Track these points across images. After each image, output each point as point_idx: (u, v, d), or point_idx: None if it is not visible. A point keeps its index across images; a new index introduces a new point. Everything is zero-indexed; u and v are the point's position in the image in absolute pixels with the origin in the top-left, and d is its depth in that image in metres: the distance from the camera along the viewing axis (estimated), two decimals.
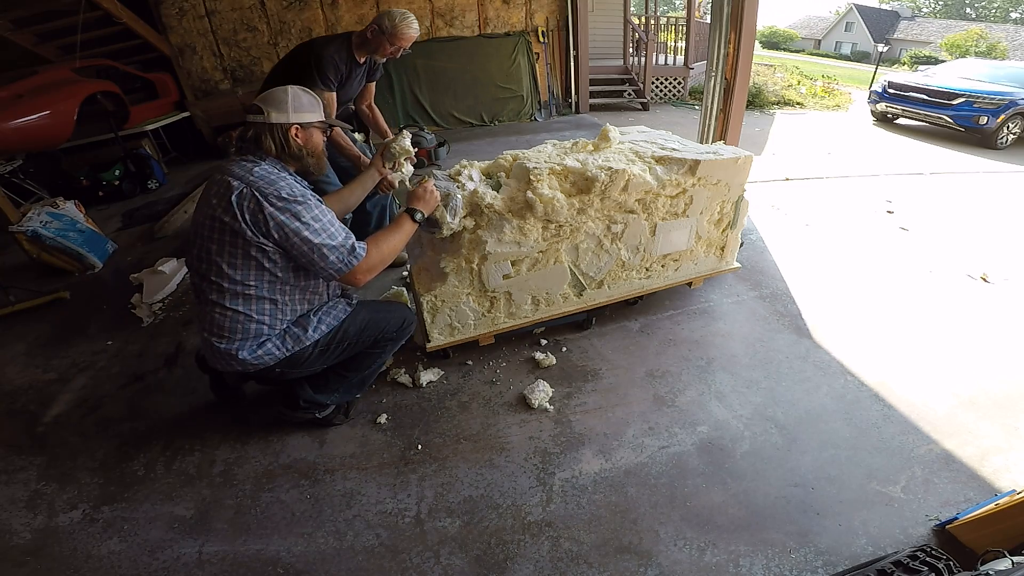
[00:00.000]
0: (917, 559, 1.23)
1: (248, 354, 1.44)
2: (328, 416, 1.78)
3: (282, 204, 1.30)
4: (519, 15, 6.42)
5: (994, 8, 36.78)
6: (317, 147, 1.48)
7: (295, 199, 1.32)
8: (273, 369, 1.51)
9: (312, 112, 1.44)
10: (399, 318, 1.69)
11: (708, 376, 2.02)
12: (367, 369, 1.72)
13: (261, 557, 1.40)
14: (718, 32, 3.25)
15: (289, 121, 1.39)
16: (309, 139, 1.45)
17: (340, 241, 1.36)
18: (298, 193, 1.34)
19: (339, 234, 1.37)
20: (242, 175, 1.33)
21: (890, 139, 6.91)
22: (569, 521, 1.47)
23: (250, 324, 1.42)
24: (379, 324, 1.64)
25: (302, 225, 1.32)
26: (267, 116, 1.38)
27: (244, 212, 1.30)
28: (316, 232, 1.33)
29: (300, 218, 1.32)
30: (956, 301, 2.53)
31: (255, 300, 1.41)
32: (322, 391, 1.70)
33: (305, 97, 1.44)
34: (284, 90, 1.41)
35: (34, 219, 2.85)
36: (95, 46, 4.55)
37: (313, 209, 1.35)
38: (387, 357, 1.77)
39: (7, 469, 1.71)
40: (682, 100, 8.28)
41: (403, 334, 1.72)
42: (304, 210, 1.33)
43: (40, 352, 2.31)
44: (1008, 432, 1.75)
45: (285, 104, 1.39)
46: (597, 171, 1.86)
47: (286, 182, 1.35)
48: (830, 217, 3.54)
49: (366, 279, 1.44)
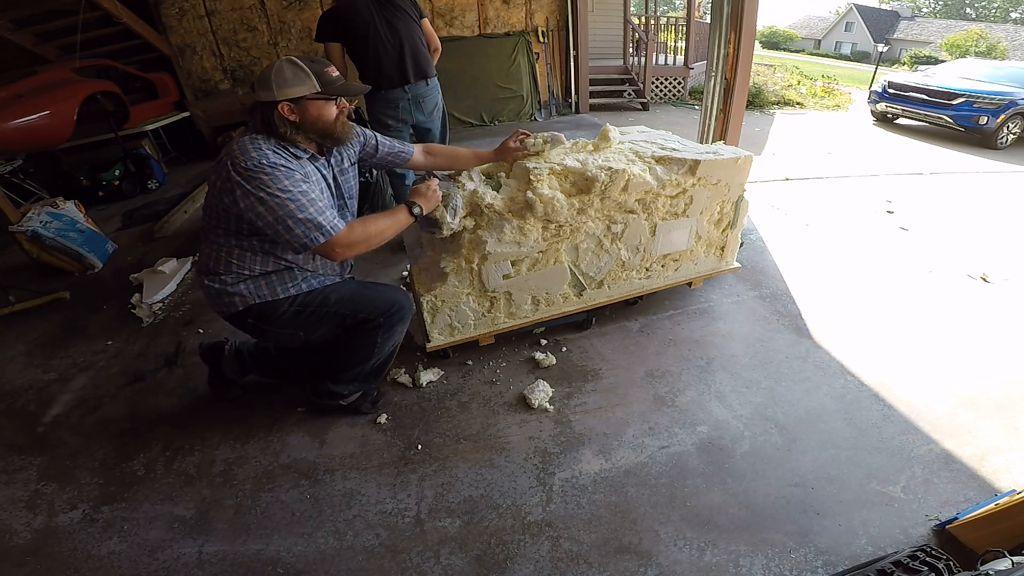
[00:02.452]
0: (917, 559, 1.23)
1: (220, 287, 1.47)
2: (355, 403, 1.83)
3: (247, 173, 1.30)
4: (519, 15, 6.42)
5: (994, 8, 36.77)
6: (320, 120, 1.42)
7: (261, 168, 1.30)
8: (246, 319, 1.53)
9: (300, 85, 1.36)
10: (387, 300, 1.65)
11: (708, 376, 2.02)
12: (370, 359, 1.70)
13: (261, 557, 1.40)
14: (718, 32, 3.24)
15: (275, 99, 1.35)
16: (305, 113, 1.39)
17: (309, 214, 1.33)
18: (267, 163, 1.32)
19: (310, 206, 1.34)
20: (231, 146, 1.36)
21: (890, 139, 6.91)
22: (569, 521, 1.47)
23: (222, 260, 1.46)
24: (363, 301, 1.61)
25: (267, 195, 1.30)
26: (257, 95, 1.39)
27: (217, 179, 1.34)
28: (281, 204, 1.30)
29: (265, 188, 1.30)
30: (956, 301, 2.53)
31: (224, 243, 1.45)
32: (338, 382, 1.76)
33: (287, 71, 1.36)
34: (270, 67, 1.38)
35: (34, 219, 2.85)
36: (95, 46, 4.55)
37: (282, 180, 1.32)
38: (387, 346, 1.71)
39: (7, 469, 1.71)
40: (682, 100, 8.28)
41: (392, 320, 1.65)
42: (270, 180, 1.30)
43: (40, 352, 2.31)
44: (1008, 432, 1.75)
45: (269, 81, 1.36)
46: (597, 171, 1.86)
47: (259, 152, 1.33)
48: (830, 217, 3.54)
49: (345, 254, 1.41)
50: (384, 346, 1.70)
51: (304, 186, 1.36)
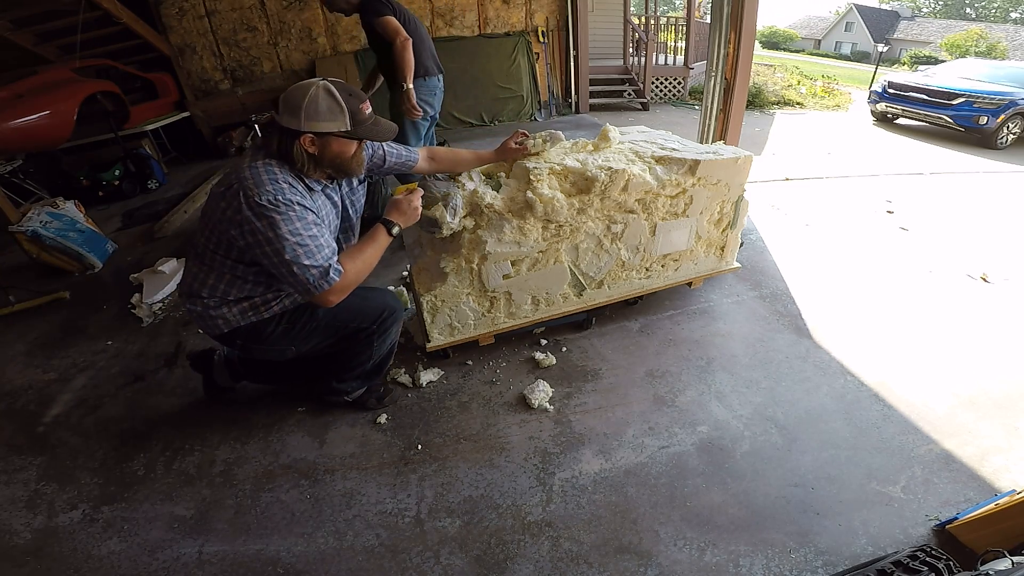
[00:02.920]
0: (917, 559, 1.23)
1: (202, 310, 1.43)
2: (360, 399, 1.84)
3: (260, 210, 1.22)
4: (519, 15, 6.42)
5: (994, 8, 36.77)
6: (339, 157, 1.35)
7: (275, 207, 1.23)
8: (234, 340, 1.50)
9: (330, 121, 1.28)
10: (377, 308, 1.61)
11: (708, 376, 2.02)
12: (369, 360, 1.70)
13: (261, 557, 1.40)
14: (718, 32, 3.24)
15: (300, 129, 1.26)
16: (326, 148, 1.31)
17: (316, 261, 1.27)
18: (282, 200, 1.24)
19: (317, 253, 1.27)
20: (241, 167, 1.29)
21: (890, 139, 6.91)
22: (569, 521, 1.47)
23: (208, 284, 1.41)
24: (353, 311, 1.57)
25: (275, 236, 1.23)
26: (280, 118, 1.28)
27: (228, 209, 1.27)
28: (289, 247, 1.24)
29: (275, 228, 1.23)
30: (956, 301, 2.53)
31: (216, 268, 1.39)
32: (342, 381, 1.77)
33: (324, 104, 1.26)
34: (305, 91, 1.26)
35: (34, 219, 2.85)
36: (95, 46, 4.54)
37: (294, 222, 1.25)
38: (385, 347, 1.71)
39: (7, 469, 1.71)
40: (682, 100, 8.28)
41: (384, 327, 1.64)
42: (282, 221, 1.23)
43: (40, 352, 2.31)
44: (1008, 432, 1.75)
45: (299, 109, 1.25)
46: (597, 171, 1.86)
47: (274, 185, 1.25)
48: (830, 217, 3.54)
49: (338, 300, 1.34)
50: (381, 347, 1.70)
51: (315, 229, 1.29)
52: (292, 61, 5.74)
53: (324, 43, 5.74)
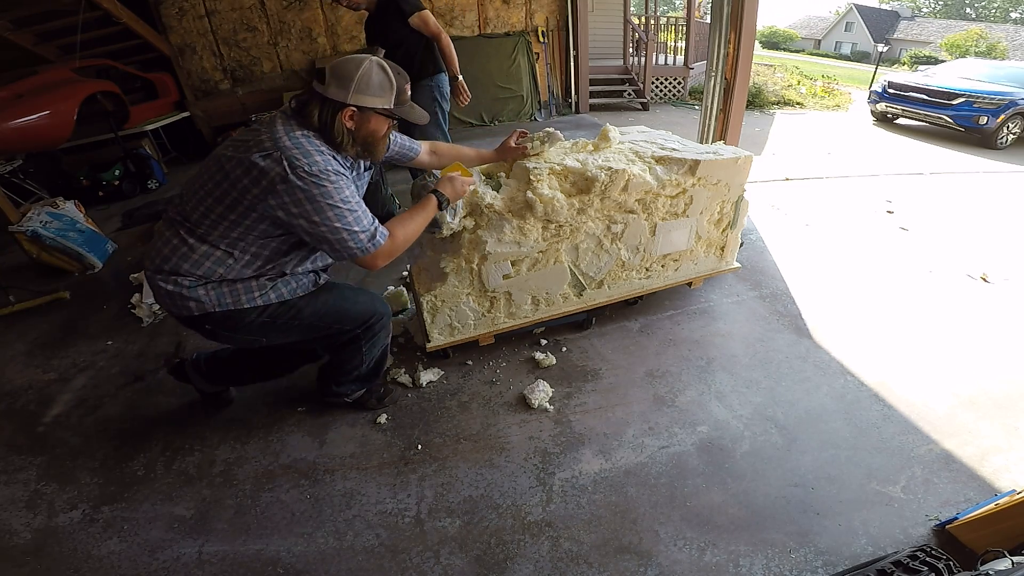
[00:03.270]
0: (917, 559, 1.23)
1: (174, 289, 1.31)
2: (360, 400, 1.85)
3: (311, 179, 1.19)
4: (519, 15, 6.42)
5: (994, 8, 36.78)
6: (371, 135, 1.33)
7: (326, 176, 1.21)
8: (203, 325, 1.39)
9: (378, 97, 1.27)
10: (364, 313, 1.56)
11: (708, 376, 2.02)
12: (361, 364, 1.68)
13: (261, 557, 1.40)
14: (718, 32, 3.24)
15: (346, 102, 1.24)
16: (363, 125, 1.30)
17: (364, 226, 1.29)
18: (332, 170, 1.23)
19: (364, 218, 1.29)
20: (277, 136, 1.21)
21: (890, 139, 6.91)
22: (569, 521, 1.47)
23: (191, 259, 1.29)
24: (339, 314, 1.52)
25: (327, 206, 1.22)
26: (326, 89, 1.24)
27: (262, 177, 1.18)
28: (341, 215, 1.24)
29: (327, 198, 1.22)
30: (956, 301, 2.53)
31: (210, 241, 1.28)
32: (340, 384, 1.77)
33: (376, 78, 1.25)
34: (359, 64, 1.24)
35: (34, 219, 2.85)
36: (95, 46, 4.54)
37: (344, 190, 1.25)
38: (375, 350, 1.68)
39: (7, 469, 1.71)
40: (682, 100, 8.28)
41: (371, 332, 1.60)
42: (334, 190, 1.22)
43: (40, 352, 2.31)
44: (1008, 432, 1.75)
45: (350, 81, 1.23)
46: (597, 171, 1.86)
47: (321, 156, 1.23)
48: (830, 217, 3.54)
49: (384, 263, 1.37)
50: (371, 351, 1.67)
51: (357, 196, 1.31)
52: (292, 61, 5.74)
53: (324, 43, 5.74)
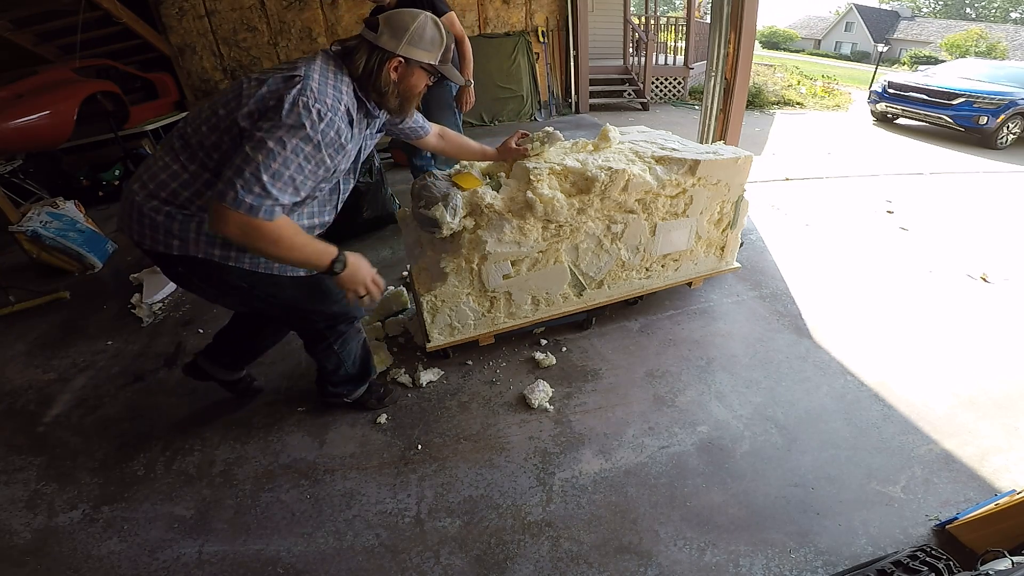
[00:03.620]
0: (917, 559, 1.23)
1: (162, 219, 1.21)
2: (360, 400, 1.85)
3: (297, 109, 1.09)
4: (519, 15, 6.42)
5: (994, 8, 36.79)
6: (410, 89, 1.30)
7: (312, 122, 1.10)
8: (175, 267, 1.31)
9: (427, 51, 1.25)
10: (335, 312, 1.53)
11: (708, 376, 2.02)
12: (340, 365, 1.68)
13: (261, 557, 1.40)
14: (718, 32, 3.25)
15: (396, 52, 1.22)
16: (406, 78, 1.27)
17: (270, 186, 1.07)
18: (323, 125, 1.12)
19: (281, 182, 1.09)
20: (310, 69, 1.16)
21: (890, 139, 6.91)
22: (569, 521, 1.47)
23: (180, 179, 1.20)
24: (314, 305, 1.49)
25: (277, 139, 1.07)
26: (377, 38, 1.22)
27: (269, 92, 1.13)
28: (272, 156, 1.07)
29: (288, 134, 1.08)
30: (956, 301, 2.53)
31: (210, 168, 1.19)
32: (335, 384, 1.78)
33: (430, 32, 1.24)
34: (414, 16, 1.23)
35: (34, 219, 2.85)
36: (95, 46, 4.55)
37: (304, 149, 1.10)
38: (349, 348, 1.65)
39: (7, 469, 1.71)
40: (682, 100, 8.28)
41: (336, 332, 1.59)
42: (299, 138, 1.09)
43: (40, 352, 2.31)
44: (1008, 432, 1.75)
45: (404, 32, 1.21)
46: (597, 171, 1.86)
47: (335, 102, 1.15)
48: (830, 217, 3.53)
49: (230, 232, 1.09)
50: (345, 350, 1.65)
51: (308, 171, 1.14)
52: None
53: (324, 43, 5.73)
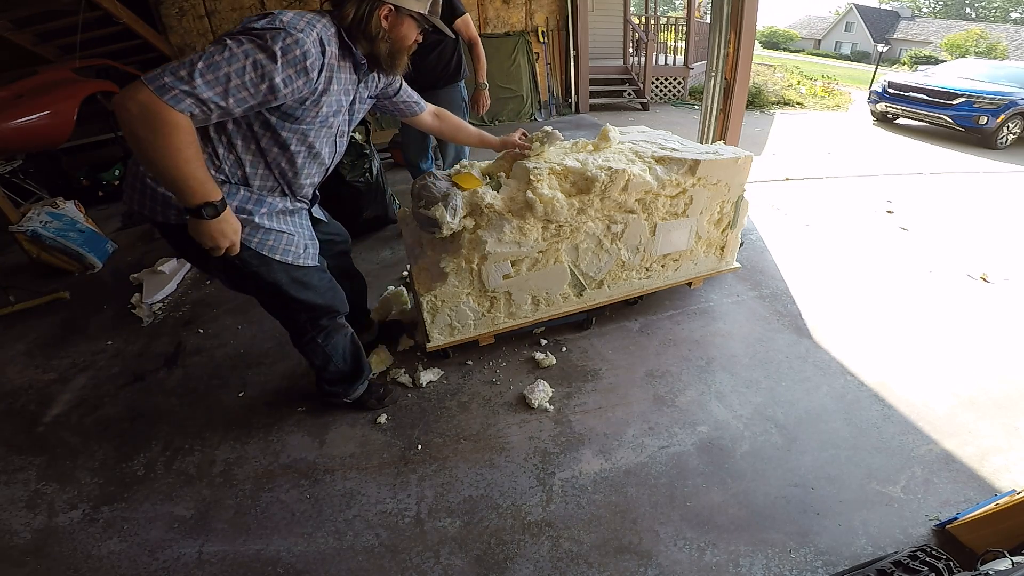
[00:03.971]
0: (917, 559, 1.23)
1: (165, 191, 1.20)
2: (360, 400, 1.84)
3: (264, 26, 1.08)
4: (519, 15, 6.42)
5: (994, 8, 36.80)
6: (401, 41, 1.30)
7: (274, 39, 1.06)
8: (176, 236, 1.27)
9: (418, 0, 1.26)
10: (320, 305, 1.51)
11: (708, 376, 2.02)
12: (329, 361, 1.65)
13: (261, 557, 1.40)
14: (718, 32, 3.25)
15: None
16: (397, 27, 1.27)
17: (192, 71, 1.00)
18: (299, 42, 1.09)
19: (209, 72, 1.02)
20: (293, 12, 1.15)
21: (890, 139, 6.91)
22: (569, 521, 1.47)
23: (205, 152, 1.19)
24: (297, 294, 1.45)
25: (228, 46, 1.04)
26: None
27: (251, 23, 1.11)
28: (224, 56, 1.03)
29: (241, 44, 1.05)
30: (956, 301, 2.53)
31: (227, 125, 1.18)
32: (331, 383, 1.77)
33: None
34: None
35: (34, 219, 2.85)
36: (95, 46, 4.55)
37: (256, 52, 1.05)
38: (334, 341, 1.63)
39: (7, 469, 1.71)
40: (682, 100, 8.28)
41: (318, 327, 1.57)
42: (248, 40, 1.05)
43: (40, 352, 2.31)
44: (1008, 432, 1.75)
45: None
46: (597, 171, 1.86)
47: (309, 29, 1.12)
48: (830, 217, 3.54)
49: (127, 108, 0.98)
50: (329, 342, 1.62)
51: (265, 83, 1.08)
52: None
53: None
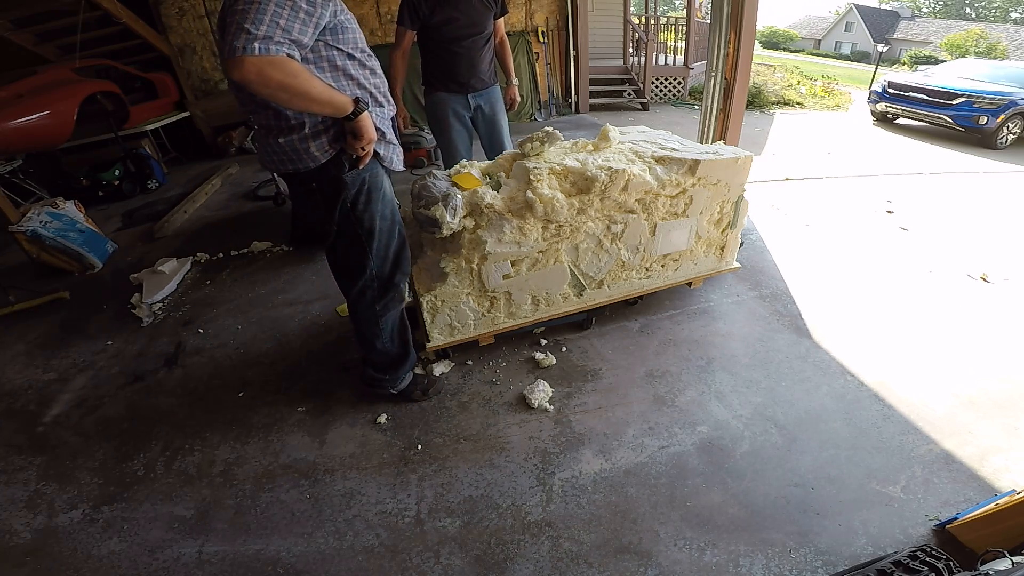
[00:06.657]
0: (917, 559, 1.23)
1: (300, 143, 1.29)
2: (405, 390, 1.86)
3: None
4: (519, 15, 6.42)
5: (994, 8, 36.80)
6: None
7: None
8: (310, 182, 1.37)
9: None
10: (398, 257, 1.61)
11: (708, 376, 2.02)
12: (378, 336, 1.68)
13: (261, 557, 1.40)
14: (718, 32, 3.24)
15: None
16: None
17: (265, 28, 1.03)
18: None
19: (269, 25, 1.04)
20: None
21: (890, 139, 6.91)
22: (569, 521, 1.47)
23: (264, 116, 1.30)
24: (381, 240, 1.53)
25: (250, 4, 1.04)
26: None
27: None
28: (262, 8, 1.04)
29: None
30: (956, 301, 2.53)
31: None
32: (378, 368, 1.79)
33: None
34: None
35: (34, 219, 2.85)
36: (95, 46, 4.55)
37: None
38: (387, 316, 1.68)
39: (7, 469, 1.71)
40: (682, 100, 8.28)
41: (384, 288, 1.63)
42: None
43: (40, 352, 2.31)
44: (1008, 432, 1.75)
45: None
46: (597, 171, 1.86)
47: None
48: (830, 217, 3.53)
49: (248, 77, 1.05)
50: (386, 313, 1.67)
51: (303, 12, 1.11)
52: None
53: None
